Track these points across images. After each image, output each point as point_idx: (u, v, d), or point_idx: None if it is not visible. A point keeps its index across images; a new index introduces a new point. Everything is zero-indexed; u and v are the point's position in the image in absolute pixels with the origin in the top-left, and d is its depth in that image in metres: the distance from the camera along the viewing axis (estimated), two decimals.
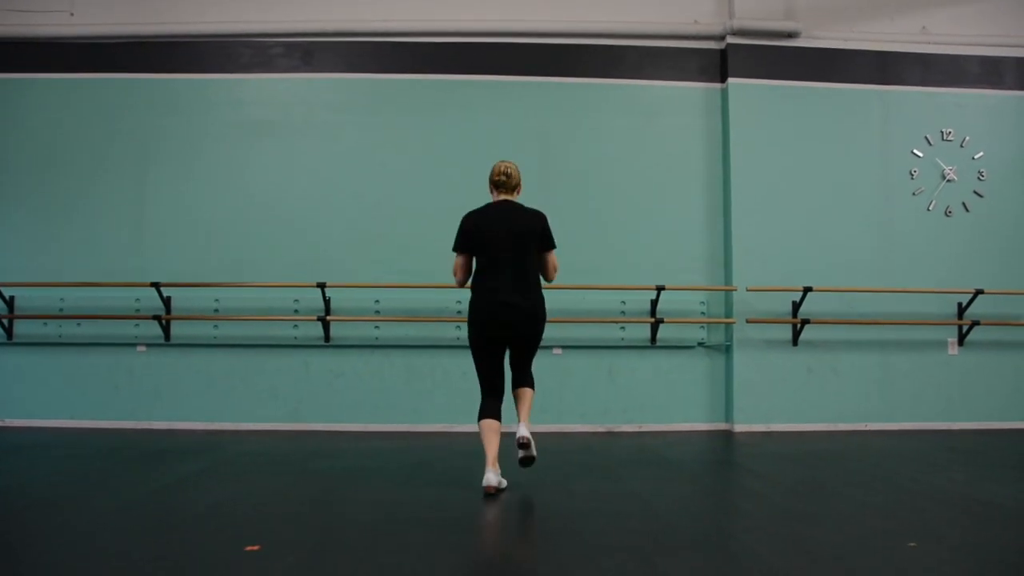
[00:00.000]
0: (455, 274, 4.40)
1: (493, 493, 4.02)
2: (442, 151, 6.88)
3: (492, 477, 4.03)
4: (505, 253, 4.21)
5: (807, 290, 6.66)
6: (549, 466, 4.73)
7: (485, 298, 4.21)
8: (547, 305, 4.33)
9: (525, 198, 4.48)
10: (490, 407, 4.24)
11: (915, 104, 7.11)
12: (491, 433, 4.16)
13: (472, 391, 4.53)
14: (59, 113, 6.93)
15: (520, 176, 4.41)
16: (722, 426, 6.85)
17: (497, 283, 4.19)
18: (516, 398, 4.33)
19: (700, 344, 6.90)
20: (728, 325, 6.86)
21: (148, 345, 6.76)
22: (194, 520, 3.52)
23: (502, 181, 4.34)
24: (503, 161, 4.41)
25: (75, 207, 6.85)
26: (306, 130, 6.94)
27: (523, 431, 4.12)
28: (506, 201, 4.35)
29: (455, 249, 4.36)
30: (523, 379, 4.35)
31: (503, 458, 4.22)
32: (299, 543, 3.13)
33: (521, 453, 4.11)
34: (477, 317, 4.24)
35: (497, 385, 4.29)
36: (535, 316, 4.25)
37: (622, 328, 6.84)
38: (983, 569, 2.92)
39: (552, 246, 4.37)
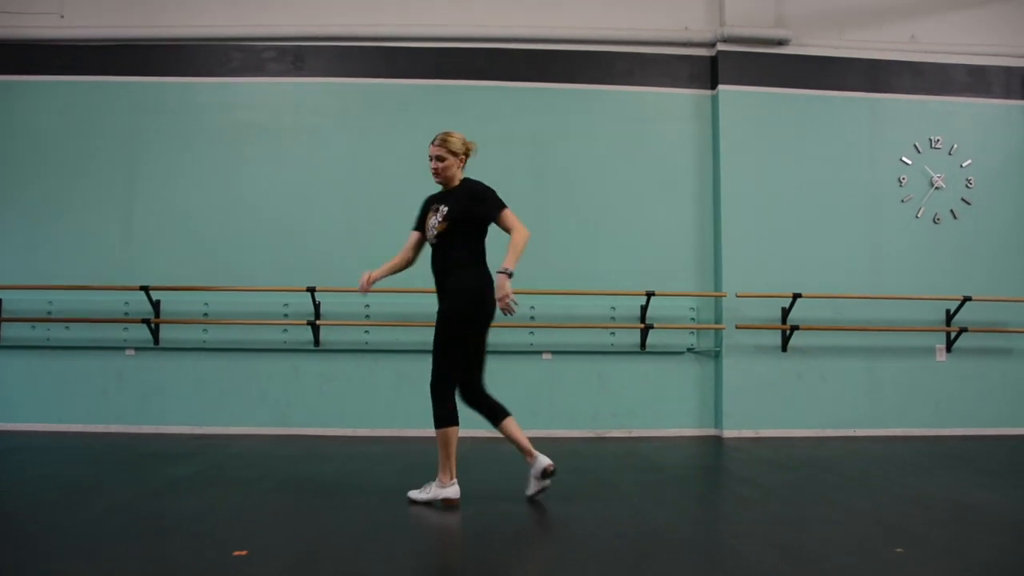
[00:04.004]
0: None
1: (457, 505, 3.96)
2: None
3: (458, 488, 3.99)
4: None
5: (796, 296, 6.69)
6: None
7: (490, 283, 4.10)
8: (536, 310, 4.24)
9: (517, 203, 4.48)
10: (455, 411, 4.05)
11: (904, 112, 7.16)
12: (456, 441, 4.03)
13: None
14: (48, 116, 6.90)
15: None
16: (711, 432, 6.86)
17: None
18: (508, 430, 4.09)
19: (689, 350, 6.92)
20: (718, 331, 6.88)
21: (137, 349, 6.73)
22: (182, 524, 3.51)
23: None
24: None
25: (64, 210, 6.81)
26: (296, 134, 6.94)
27: (548, 460, 4.04)
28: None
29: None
30: (497, 403, 4.18)
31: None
32: (286, 548, 3.13)
33: (548, 481, 4.04)
34: (488, 302, 4.08)
35: (457, 384, 4.15)
36: None
37: (612, 333, 6.85)
38: (970, 574, 2.93)
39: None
